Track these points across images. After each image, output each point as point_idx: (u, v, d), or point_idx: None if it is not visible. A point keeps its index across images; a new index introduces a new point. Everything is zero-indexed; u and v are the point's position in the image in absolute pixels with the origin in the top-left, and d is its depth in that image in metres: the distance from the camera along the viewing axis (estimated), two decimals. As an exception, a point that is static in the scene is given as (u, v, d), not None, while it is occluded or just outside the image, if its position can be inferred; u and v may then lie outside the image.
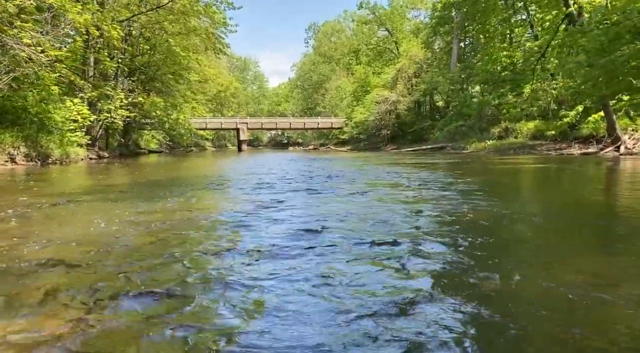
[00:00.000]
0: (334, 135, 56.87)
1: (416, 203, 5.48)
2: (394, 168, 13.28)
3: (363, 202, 5.74)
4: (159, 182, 9.88)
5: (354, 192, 6.89)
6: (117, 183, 9.87)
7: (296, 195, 6.79)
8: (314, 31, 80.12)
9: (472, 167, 13.81)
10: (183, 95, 31.78)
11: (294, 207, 5.40)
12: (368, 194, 6.52)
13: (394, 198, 6.01)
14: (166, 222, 4.35)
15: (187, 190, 7.68)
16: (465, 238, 3.36)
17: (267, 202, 5.82)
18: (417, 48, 41.54)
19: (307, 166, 15.91)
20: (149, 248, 3.26)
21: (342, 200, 6.07)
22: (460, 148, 28.39)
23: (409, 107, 39.73)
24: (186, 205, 5.87)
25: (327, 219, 4.40)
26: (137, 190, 7.99)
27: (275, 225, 4.20)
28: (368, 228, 3.90)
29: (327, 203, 5.75)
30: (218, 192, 7.35)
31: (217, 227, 4.23)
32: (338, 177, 10.07)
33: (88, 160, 24.54)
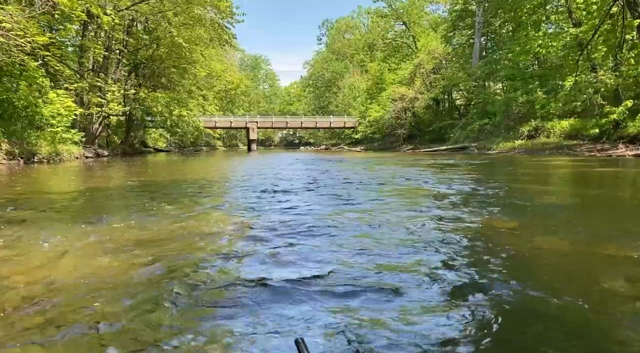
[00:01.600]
0: (347, 135, 54.79)
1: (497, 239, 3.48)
2: (421, 172, 11.19)
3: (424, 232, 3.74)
4: (140, 187, 8.00)
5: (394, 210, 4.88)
6: (93, 188, 8.00)
7: (310, 213, 4.78)
8: (327, 28, 78.16)
9: (514, 173, 11.67)
10: (188, 91, 29.98)
11: (301, 243, 3.41)
12: (417, 214, 4.52)
13: (459, 228, 4.00)
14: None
15: (168, 199, 5.79)
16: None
17: (266, 232, 3.83)
18: (436, 42, 39.28)
19: (320, 168, 13.93)
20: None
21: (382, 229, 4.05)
22: (485, 148, 26.16)
23: (427, 104, 37.48)
24: (142, 232, 3.89)
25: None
26: (101, 203, 6.08)
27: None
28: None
29: (354, 236, 3.74)
30: (206, 209, 5.37)
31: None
32: (361, 186, 7.99)
33: (84, 159, 22.86)
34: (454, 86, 35.16)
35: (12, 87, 17.53)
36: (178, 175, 11.44)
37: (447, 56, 39.12)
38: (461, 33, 40.93)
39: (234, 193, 6.98)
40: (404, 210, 4.73)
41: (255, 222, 4.10)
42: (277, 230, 3.69)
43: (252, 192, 6.72)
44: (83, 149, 23.35)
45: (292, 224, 3.96)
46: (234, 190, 7.45)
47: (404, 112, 38.08)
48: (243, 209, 4.97)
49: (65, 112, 17.44)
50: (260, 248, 3.08)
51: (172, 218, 4.37)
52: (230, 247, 3.17)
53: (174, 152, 45.55)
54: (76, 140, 21.64)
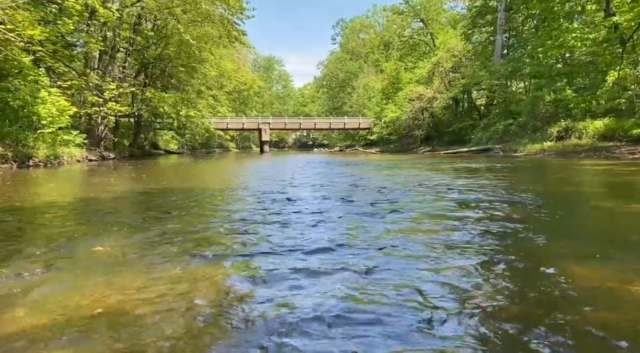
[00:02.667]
0: (362, 136, 53.37)
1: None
2: (452, 179, 9.72)
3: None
4: (132, 198, 6.76)
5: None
6: (77, 199, 6.80)
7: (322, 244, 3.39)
8: (341, 27, 76.85)
9: (558, 179, 10.16)
10: (197, 91, 28.90)
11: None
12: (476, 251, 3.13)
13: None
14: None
15: (160, 218, 4.50)
16: None
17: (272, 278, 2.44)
18: (455, 39, 37.63)
19: (336, 174, 12.57)
20: None
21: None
22: (511, 150, 24.50)
23: (447, 104, 35.86)
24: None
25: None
26: (73, 222, 4.79)
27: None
28: None
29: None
30: (210, 253, 4.04)
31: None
32: (389, 202, 6.58)
33: (87, 163, 21.90)
34: (475, 85, 33.46)
35: (11, 85, 16.59)
36: (180, 182, 10.20)
37: (467, 54, 37.44)
38: (481, 30, 39.24)
39: (240, 215, 5.66)
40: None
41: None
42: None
43: (266, 215, 5.41)
44: (87, 152, 22.40)
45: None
46: (247, 218, 6.15)
47: (421, 113, 36.53)
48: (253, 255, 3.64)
49: (56, 112, 16.32)
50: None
51: (163, 261, 3.04)
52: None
53: (186, 154, 44.64)
54: (78, 143, 20.67)
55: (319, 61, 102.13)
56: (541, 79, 27.45)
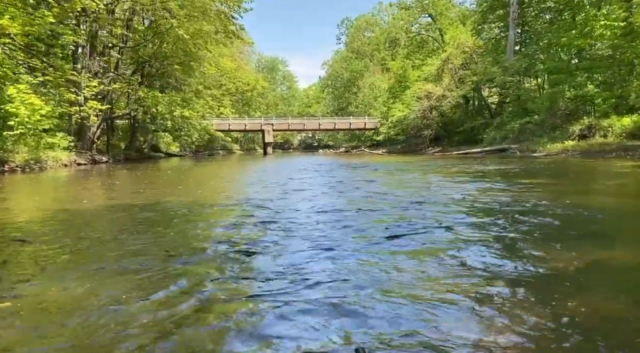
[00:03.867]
0: (368, 137, 51.80)
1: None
2: (484, 190, 8.16)
3: None
4: (103, 216, 5.29)
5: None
6: (36, 216, 5.35)
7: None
8: (346, 26, 75.27)
9: (601, 185, 8.60)
10: (195, 90, 27.46)
11: None
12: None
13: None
14: None
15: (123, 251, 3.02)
16: None
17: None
18: (465, 35, 35.97)
19: (342, 179, 11.05)
20: None
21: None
22: (529, 150, 22.85)
23: (457, 102, 34.21)
24: None
25: None
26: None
27: None
28: None
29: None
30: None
31: None
32: (415, 224, 5.01)
33: (75, 167, 20.53)
34: (487, 82, 31.78)
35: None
36: (161, 191, 8.75)
37: (478, 50, 35.77)
38: (491, 26, 37.55)
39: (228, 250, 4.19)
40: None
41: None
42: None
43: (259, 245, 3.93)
44: (76, 155, 21.03)
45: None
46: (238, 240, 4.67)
47: (430, 112, 34.91)
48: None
49: (25, 112, 14.87)
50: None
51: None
52: None
53: (188, 156, 43.25)
54: (65, 145, 19.30)
55: (324, 61, 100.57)
56: (559, 75, 25.75)
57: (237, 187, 9.94)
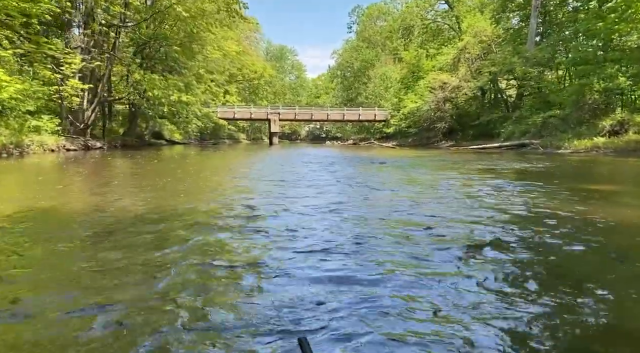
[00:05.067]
0: (377, 129, 50.04)
1: None
2: (528, 198, 6.57)
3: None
4: (56, 230, 3.83)
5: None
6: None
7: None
8: (357, 15, 73.17)
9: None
10: (196, 74, 25.90)
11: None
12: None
13: None
14: None
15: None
16: None
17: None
18: (484, 23, 34.03)
19: (346, 179, 9.51)
20: None
21: None
22: (552, 146, 21.14)
23: (473, 94, 32.40)
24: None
25: None
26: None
27: None
28: None
29: None
30: None
31: None
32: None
33: (64, 152, 19.14)
34: (506, 73, 29.90)
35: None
36: (159, 183, 7.31)
37: (497, 39, 33.83)
38: (510, 15, 35.52)
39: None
40: None
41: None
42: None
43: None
44: (66, 140, 19.64)
45: None
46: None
47: (444, 103, 33.13)
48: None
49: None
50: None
51: None
52: None
53: (193, 144, 41.79)
54: (54, 129, 17.90)
55: (334, 50, 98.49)
56: (586, 66, 23.88)
57: (220, 185, 8.47)
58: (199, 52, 26.49)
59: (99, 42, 22.86)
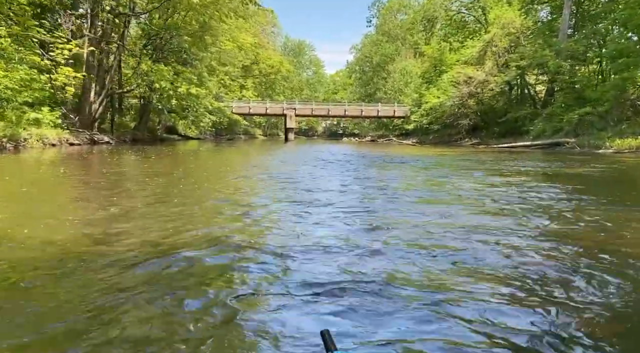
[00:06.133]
0: (396, 126, 48.31)
1: None
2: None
3: None
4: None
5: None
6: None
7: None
8: (377, 8, 71.22)
9: None
10: (207, 66, 24.72)
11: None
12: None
13: None
14: None
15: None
16: None
17: None
18: (512, 14, 32.07)
19: (364, 184, 8.17)
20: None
21: None
22: (590, 146, 19.39)
23: (501, 89, 30.56)
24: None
25: None
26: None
27: None
28: None
29: None
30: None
31: None
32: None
33: (66, 147, 18.19)
34: (537, 67, 27.95)
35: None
36: (156, 191, 6.12)
37: (526, 31, 31.84)
38: (538, 7, 33.44)
39: None
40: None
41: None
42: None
43: None
44: (70, 134, 18.69)
45: None
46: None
47: (469, 99, 31.36)
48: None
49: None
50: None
51: None
52: None
53: (208, 140, 40.79)
54: (54, 122, 16.91)
55: (352, 45, 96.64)
56: (627, 58, 21.94)
57: (214, 187, 7.23)
58: (212, 43, 25.31)
59: (107, 32, 21.90)
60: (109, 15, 20.72)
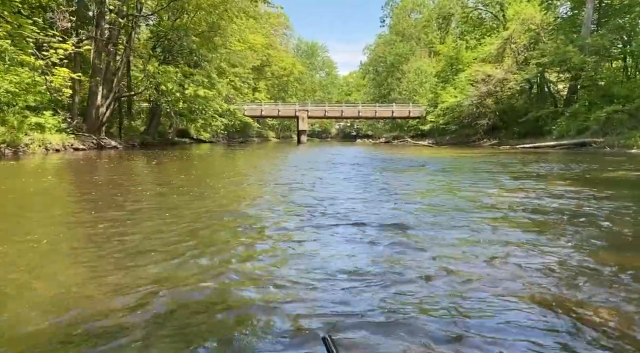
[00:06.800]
0: (411, 127, 47.23)
1: None
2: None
3: None
4: None
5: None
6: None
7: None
8: (391, 8, 70.18)
9: None
10: (217, 67, 24.07)
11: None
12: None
13: None
14: None
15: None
16: None
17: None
18: (532, 9, 30.85)
19: (384, 195, 7.28)
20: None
21: None
22: (620, 146, 18.21)
23: (521, 88, 29.36)
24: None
25: None
26: None
27: None
28: None
29: None
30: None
31: None
32: None
33: (71, 152, 17.65)
34: (560, 63, 26.69)
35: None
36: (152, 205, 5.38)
37: (547, 27, 30.58)
38: (555, 4, 32.13)
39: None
40: None
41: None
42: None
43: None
44: (75, 139, 18.16)
45: None
46: None
47: (487, 98, 30.22)
48: None
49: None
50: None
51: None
52: None
53: (220, 143, 40.22)
54: (58, 126, 16.38)
55: (366, 45, 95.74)
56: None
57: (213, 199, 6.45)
58: (222, 44, 24.66)
59: (114, 34, 21.41)
60: (115, 17, 20.20)
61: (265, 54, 46.12)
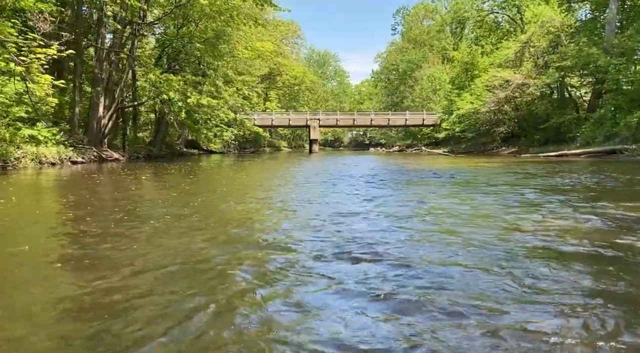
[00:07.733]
0: (425, 135, 45.97)
1: None
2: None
3: None
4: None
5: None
6: None
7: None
8: (402, 15, 69.35)
9: None
10: (223, 75, 23.23)
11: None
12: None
13: None
14: None
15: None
16: None
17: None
18: (552, 11, 29.55)
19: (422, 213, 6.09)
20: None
21: None
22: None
23: (541, 93, 27.98)
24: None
25: None
26: None
27: None
28: None
29: None
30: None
31: None
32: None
33: (68, 166, 16.82)
34: (584, 67, 25.30)
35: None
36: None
37: (567, 30, 29.21)
38: (574, 7, 30.76)
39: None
40: None
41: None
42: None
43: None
44: (73, 152, 17.35)
45: None
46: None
47: (506, 104, 28.89)
48: None
49: None
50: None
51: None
52: None
53: (231, 153, 39.42)
54: (52, 138, 15.56)
55: (377, 53, 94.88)
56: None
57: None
58: (229, 52, 23.85)
59: (116, 43, 20.74)
60: (116, 24, 19.50)
61: (275, 63, 45.39)
